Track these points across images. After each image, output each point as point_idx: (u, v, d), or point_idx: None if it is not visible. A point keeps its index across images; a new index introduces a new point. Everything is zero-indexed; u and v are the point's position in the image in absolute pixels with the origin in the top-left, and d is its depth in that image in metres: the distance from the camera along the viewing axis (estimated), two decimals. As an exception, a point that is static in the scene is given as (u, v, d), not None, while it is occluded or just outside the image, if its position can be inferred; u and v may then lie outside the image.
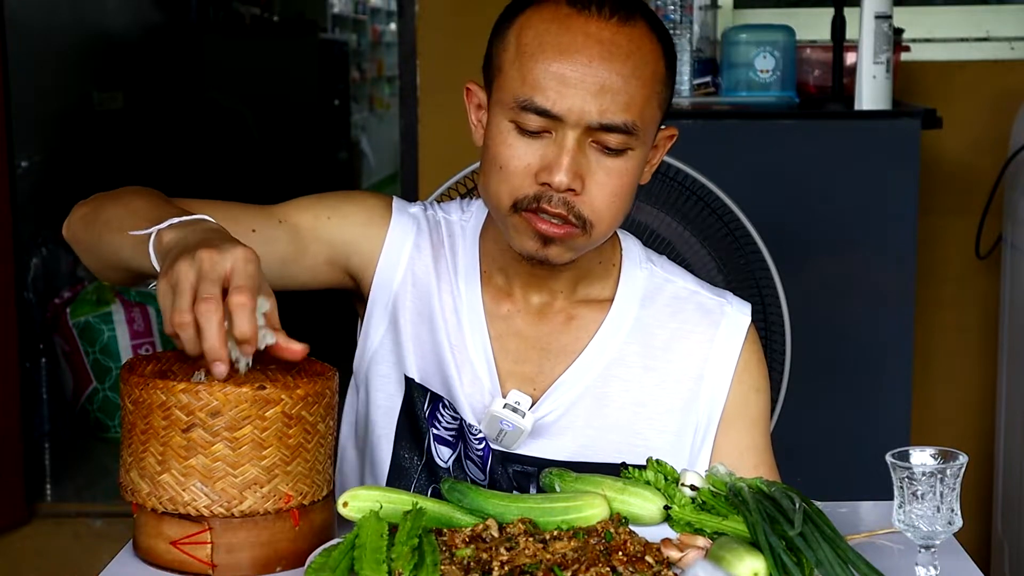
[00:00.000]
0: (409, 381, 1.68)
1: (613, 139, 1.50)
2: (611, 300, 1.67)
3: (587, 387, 1.65)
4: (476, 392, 1.65)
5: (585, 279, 1.66)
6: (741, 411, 1.67)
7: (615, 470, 1.57)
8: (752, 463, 1.66)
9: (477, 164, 1.71)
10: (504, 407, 1.60)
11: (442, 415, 1.66)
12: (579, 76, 1.48)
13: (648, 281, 1.69)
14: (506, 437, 1.62)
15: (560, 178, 1.49)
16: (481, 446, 1.63)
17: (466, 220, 1.71)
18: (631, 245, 1.71)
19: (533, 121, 1.50)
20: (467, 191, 2.11)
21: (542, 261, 1.56)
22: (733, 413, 1.67)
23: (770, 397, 1.72)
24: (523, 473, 1.64)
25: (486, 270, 1.68)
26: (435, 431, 1.66)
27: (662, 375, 1.66)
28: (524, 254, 1.56)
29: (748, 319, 1.69)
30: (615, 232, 1.70)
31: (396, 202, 1.70)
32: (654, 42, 1.54)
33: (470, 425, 1.65)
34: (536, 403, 1.64)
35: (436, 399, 1.66)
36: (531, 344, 1.66)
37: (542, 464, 1.62)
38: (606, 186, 1.52)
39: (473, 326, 1.66)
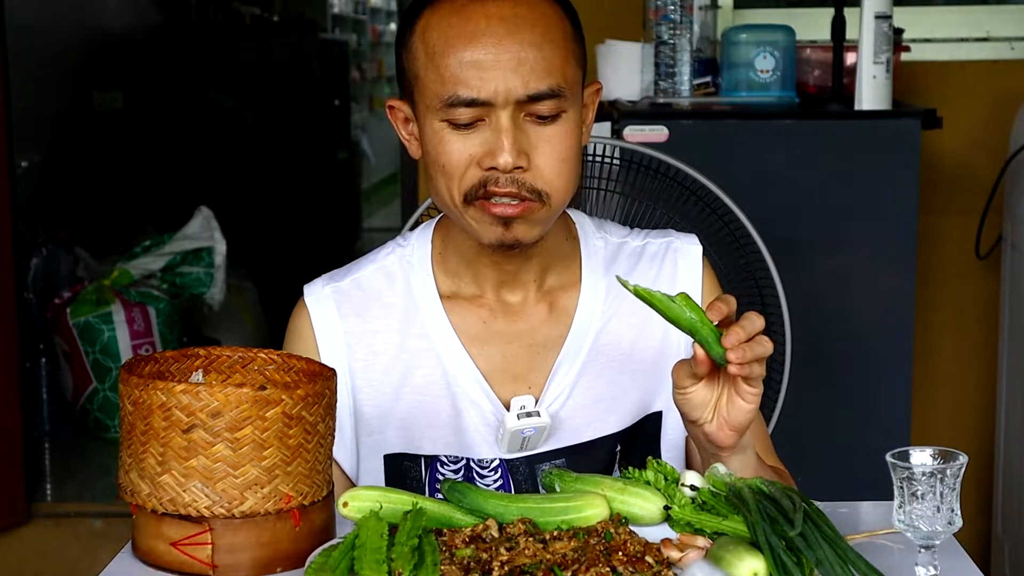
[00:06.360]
0: (390, 459, 1.67)
1: (545, 107, 1.52)
2: (580, 279, 1.67)
3: (583, 365, 1.65)
4: (478, 417, 1.64)
5: (552, 263, 1.66)
6: None
7: (639, 429, 1.61)
8: None
9: None
10: (518, 418, 1.60)
11: (442, 474, 1.65)
12: (494, 57, 1.50)
13: (605, 249, 1.70)
14: (530, 441, 1.63)
15: (505, 159, 1.50)
16: (496, 475, 1.63)
17: (409, 255, 1.68)
18: (583, 220, 1.72)
19: (464, 114, 1.51)
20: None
21: (512, 245, 1.55)
22: None
23: None
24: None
25: (449, 294, 1.66)
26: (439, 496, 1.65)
27: (642, 327, 1.67)
28: (492, 243, 1.55)
29: (699, 247, 1.72)
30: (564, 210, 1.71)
31: (309, 306, 1.66)
32: (553, 4, 1.55)
33: (479, 461, 1.64)
34: (540, 398, 1.64)
35: (432, 460, 1.66)
36: (517, 343, 1.65)
37: (570, 452, 1.64)
38: (551, 154, 1.52)
39: (454, 356, 1.64)
